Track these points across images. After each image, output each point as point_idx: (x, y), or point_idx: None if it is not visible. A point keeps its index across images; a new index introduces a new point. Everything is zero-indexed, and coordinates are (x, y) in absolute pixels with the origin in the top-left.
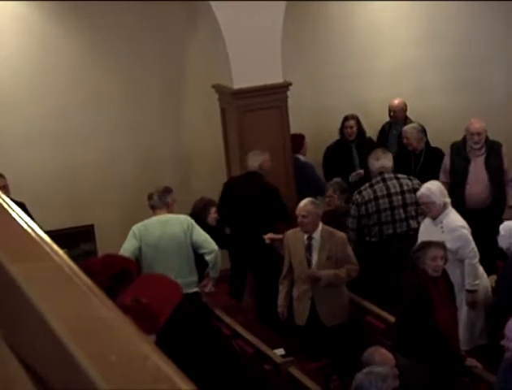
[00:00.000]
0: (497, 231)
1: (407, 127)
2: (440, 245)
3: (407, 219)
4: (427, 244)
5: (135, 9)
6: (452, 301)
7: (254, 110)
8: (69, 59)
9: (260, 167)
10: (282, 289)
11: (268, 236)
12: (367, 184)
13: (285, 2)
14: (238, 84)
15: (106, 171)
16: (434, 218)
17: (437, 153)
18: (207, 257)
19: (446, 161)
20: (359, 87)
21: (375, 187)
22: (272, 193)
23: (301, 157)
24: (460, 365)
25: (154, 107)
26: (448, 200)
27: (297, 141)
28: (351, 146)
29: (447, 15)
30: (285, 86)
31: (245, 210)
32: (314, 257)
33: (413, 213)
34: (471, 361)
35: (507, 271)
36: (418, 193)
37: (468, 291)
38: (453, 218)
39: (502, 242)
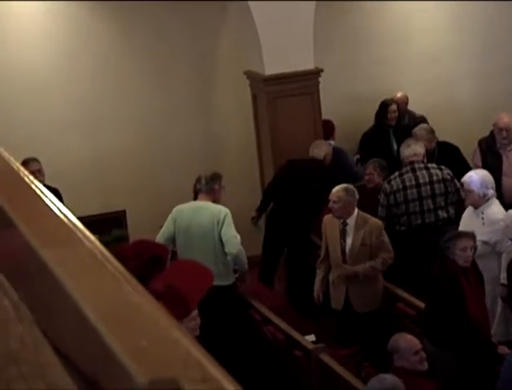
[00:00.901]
0: None
1: (417, 129)
2: (470, 236)
3: (436, 210)
4: (458, 235)
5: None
6: (482, 291)
7: (285, 96)
8: (101, 47)
9: (324, 158)
10: (319, 273)
11: None
12: (397, 173)
13: None
14: (269, 70)
15: (137, 158)
16: (475, 208)
17: (450, 149)
18: (228, 258)
19: (476, 158)
20: (388, 73)
21: (404, 176)
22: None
23: (332, 142)
24: (492, 352)
25: (185, 94)
26: (491, 191)
27: (328, 127)
28: (389, 131)
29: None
30: (316, 72)
31: (299, 193)
32: (348, 243)
33: (442, 203)
34: (503, 349)
35: None
36: (462, 180)
37: (503, 285)
38: (495, 210)
39: (507, 232)
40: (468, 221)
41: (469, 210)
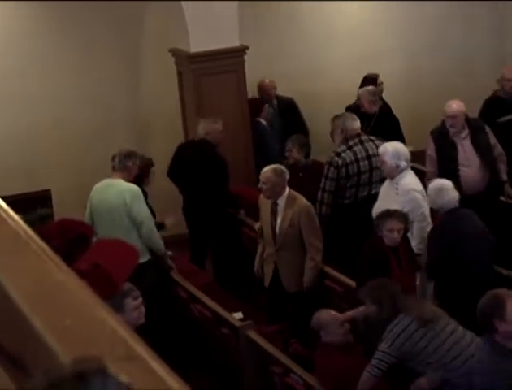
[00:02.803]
0: (497, 212)
1: (361, 90)
2: (399, 217)
3: (382, 181)
4: (387, 214)
5: None
6: (412, 267)
7: (211, 73)
8: (24, 23)
9: (207, 136)
10: (259, 248)
11: None
12: (344, 146)
13: None
14: (195, 48)
15: (63, 134)
16: (391, 179)
17: (390, 117)
18: (142, 239)
19: (430, 149)
20: (315, 49)
21: (355, 149)
22: (218, 167)
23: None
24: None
25: (112, 72)
26: (403, 163)
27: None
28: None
29: None
30: (241, 50)
31: (189, 176)
32: (278, 223)
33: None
34: None
35: (437, 232)
36: (378, 151)
37: (416, 254)
38: (408, 181)
39: (431, 202)
40: (385, 191)
41: (387, 181)
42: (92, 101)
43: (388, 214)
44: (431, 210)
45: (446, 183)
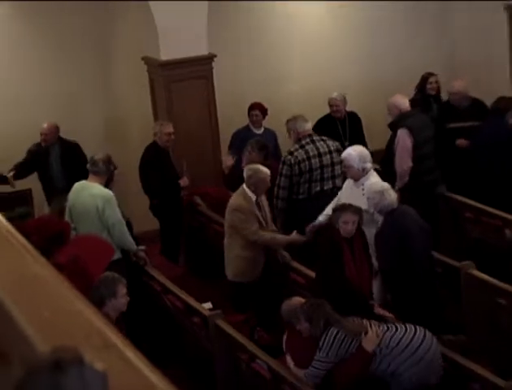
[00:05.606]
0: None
1: (337, 95)
2: (354, 211)
3: (333, 178)
4: (344, 208)
5: None
6: (365, 258)
7: (180, 80)
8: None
9: (155, 136)
10: (266, 234)
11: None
12: (297, 146)
13: None
14: (165, 56)
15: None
16: (356, 181)
17: (357, 118)
18: (114, 240)
19: (409, 143)
20: (278, 59)
21: (307, 147)
22: (143, 166)
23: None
24: (370, 314)
25: (87, 78)
26: (368, 165)
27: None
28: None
29: None
30: (210, 58)
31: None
32: (264, 214)
33: (339, 172)
34: (378, 310)
35: (384, 232)
36: (341, 157)
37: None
38: (373, 181)
39: (369, 205)
40: (350, 192)
41: (349, 182)
42: (67, 105)
43: (343, 208)
44: None
45: (386, 185)
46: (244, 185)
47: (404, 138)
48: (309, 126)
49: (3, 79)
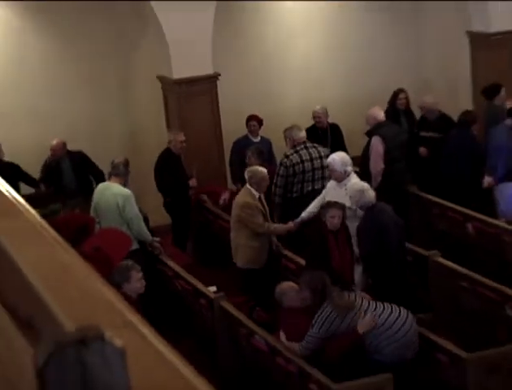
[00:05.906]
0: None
1: (319, 108)
2: (339, 207)
3: (323, 179)
4: (330, 205)
5: (94, 8)
6: (348, 249)
7: (190, 96)
8: (28, 43)
9: (169, 144)
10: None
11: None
12: (292, 150)
13: (215, 12)
14: (177, 74)
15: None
16: (339, 182)
17: (338, 129)
18: (132, 233)
19: (380, 148)
20: (275, 76)
21: (300, 152)
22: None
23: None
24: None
25: (111, 94)
26: (349, 168)
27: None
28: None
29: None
30: (215, 76)
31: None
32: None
33: (326, 174)
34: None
35: (365, 225)
36: (326, 162)
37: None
38: (354, 181)
39: (352, 203)
40: (333, 192)
41: (333, 183)
42: (93, 119)
43: (329, 205)
44: None
45: (366, 185)
46: (247, 185)
47: (377, 144)
48: (303, 134)
49: (34, 90)
